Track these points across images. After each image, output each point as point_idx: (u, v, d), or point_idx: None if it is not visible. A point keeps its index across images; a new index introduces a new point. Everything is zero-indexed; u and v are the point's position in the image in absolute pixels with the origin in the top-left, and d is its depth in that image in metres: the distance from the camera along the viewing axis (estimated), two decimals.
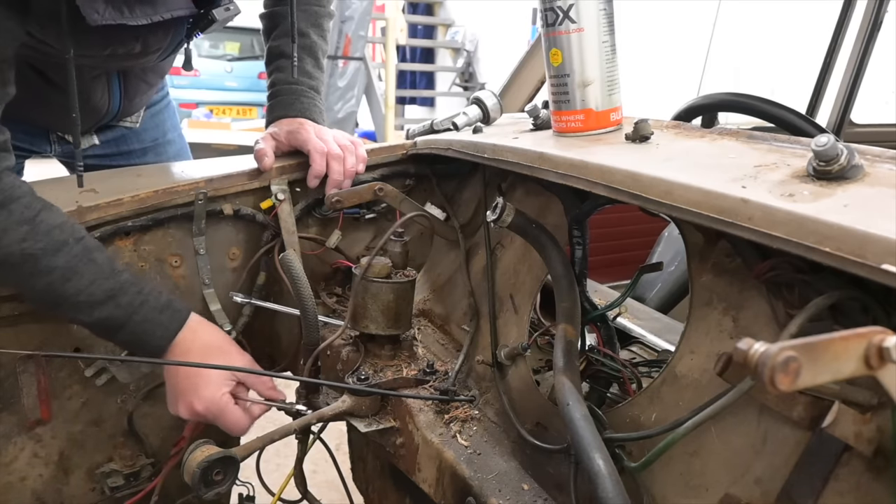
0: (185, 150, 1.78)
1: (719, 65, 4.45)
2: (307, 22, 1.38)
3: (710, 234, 0.83)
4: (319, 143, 1.27)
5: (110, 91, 1.42)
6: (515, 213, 0.95)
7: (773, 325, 0.74)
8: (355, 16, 6.91)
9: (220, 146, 5.82)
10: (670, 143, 0.94)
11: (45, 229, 0.98)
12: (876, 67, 2.81)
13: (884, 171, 0.70)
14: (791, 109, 1.45)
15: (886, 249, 0.54)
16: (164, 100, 1.71)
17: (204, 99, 9.39)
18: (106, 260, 1.04)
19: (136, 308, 1.04)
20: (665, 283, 2.12)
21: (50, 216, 1.00)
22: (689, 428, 0.73)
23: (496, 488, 0.89)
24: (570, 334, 0.90)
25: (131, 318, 1.03)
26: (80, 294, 1.00)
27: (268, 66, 1.41)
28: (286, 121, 1.31)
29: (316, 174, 1.26)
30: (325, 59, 1.43)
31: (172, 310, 1.07)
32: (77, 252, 1.00)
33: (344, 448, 1.62)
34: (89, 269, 1.01)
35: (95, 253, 1.03)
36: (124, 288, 1.03)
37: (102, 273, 1.02)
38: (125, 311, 1.03)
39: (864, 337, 0.44)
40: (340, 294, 1.38)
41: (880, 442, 0.62)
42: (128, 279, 1.04)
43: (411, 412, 1.02)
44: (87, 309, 1.01)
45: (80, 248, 1.01)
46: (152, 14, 1.16)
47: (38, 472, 1.16)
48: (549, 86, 1.06)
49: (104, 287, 1.01)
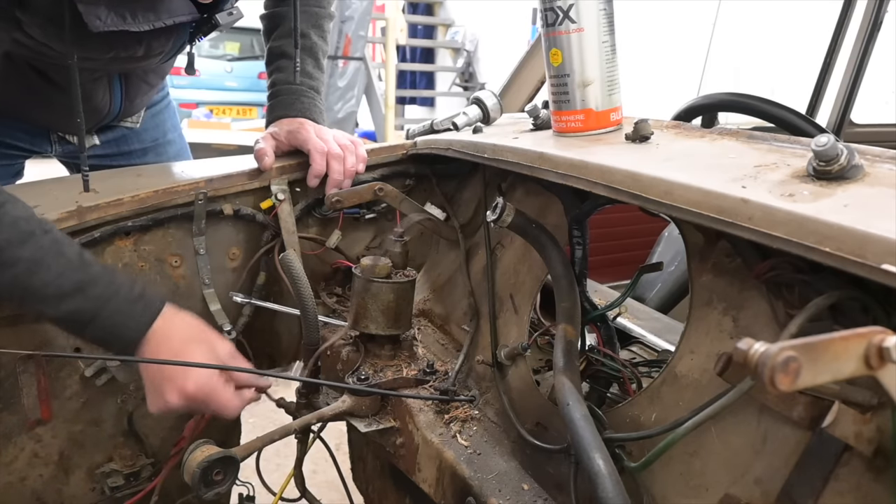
0: (185, 151, 1.78)
1: (719, 65, 4.45)
2: (308, 23, 1.38)
3: (710, 234, 0.83)
4: (319, 143, 1.27)
5: (111, 92, 1.42)
6: (515, 213, 0.95)
7: (773, 325, 0.74)
8: (355, 16, 6.91)
9: (220, 146, 5.82)
10: (670, 143, 0.94)
11: (10, 221, 0.94)
12: (876, 67, 2.81)
13: (884, 171, 0.70)
14: (791, 109, 1.45)
15: (886, 249, 0.54)
16: (165, 100, 1.71)
17: (204, 99, 9.39)
18: (76, 252, 0.99)
19: (107, 300, 0.98)
20: (665, 283, 2.12)
21: (14, 209, 0.96)
22: (689, 428, 0.73)
23: (496, 488, 0.89)
24: (570, 334, 0.90)
25: (101, 311, 0.97)
26: (47, 286, 0.95)
27: (268, 66, 1.41)
28: (286, 121, 1.31)
29: (316, 174, 1.26)
30: (325, 59, 1.43)
31: (145, 301, 1.01)
32: (44, 244, 0.96)
33: (344, 448, 1.62)
34: (57, 261, 0.96)
35: (64, 246, 0.98)
36: (95, 280, 0.98)
37: (71, 265, 0.97)
38: (94, 304, 0.97)
39: (864, 337, 0.44)
40: (340, 294, 1.38)
41: (880, 442, 0.62)
42: (99, 271, 0.99)
43: (411, 412, 1.02)
44: (55, 301, 0.96)
45: (48, 239, 0.96)
46: (155, 20, 1.16)
47: (38, 472, 1.16)
48: (549, 86, 1.06)
49: (73, 279, 0.96)
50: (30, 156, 1.53)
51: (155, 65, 1.39)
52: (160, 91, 1.66)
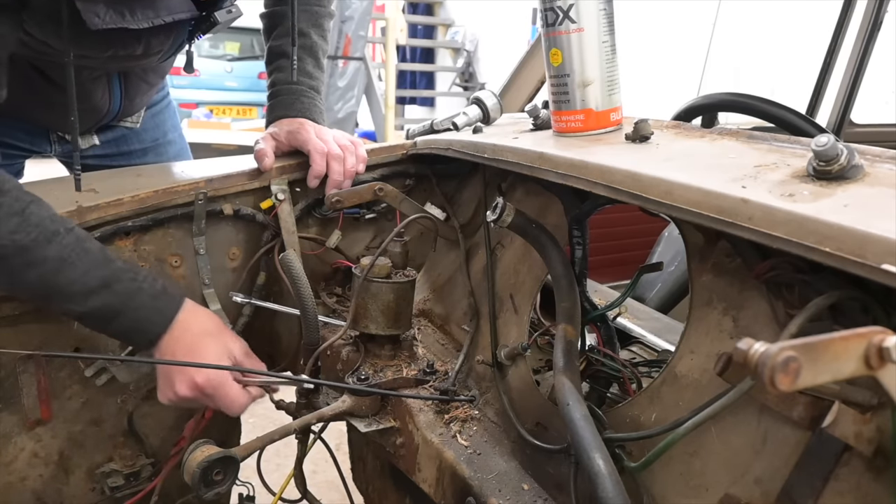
0: (185, 151, 1.77)
1: (719, 65, 4.45)
2: (308, 22, 1.38)
3: (710, 234, 0.83)
4: (319, 144, 1.26)
5: (111, 91, 1.41)
6: (515, 213, 0.95)
7: (773, 325, 0.74)
8: (355, 16, 6.91)
9: (220, 146, 5.82)
10: (670, 143, 0.94)
11: (36, 220, 0.97)
12: (876, 67, 2.81)
13: (884, 171, 0.70)
14: (791, 109, 1.45)
15: (886, 249, 0.54)
16: (165, 100, 1.71)
17: (204, 99, 9.40)
18: (99, 248, 1.02)
19: (132, 295, 1.01)
20: (665, 283, 2.12)
21: (39, 209, 0.99)
22: (689, 428, 0.73)
23: (496, 488, 0.89)
24: (570, 334, 0.90)
25: (127, 306, 1.01)
26: (73, 284, 0.98)
27: (268, 65, 1.41)
28: (286, 121, 1.31)
29: (316, 174, 1.26)
30: (325, 59, 1.43)
31: (168, 296, 1.06)
32: (69, 242, 0.98)
33: (344, 448, 1.62)
34: (82, 259, 0.99)
35: (87, 242, 1.01)
36: (118, 275, 1.01)
37: (96, 261, 1.00)
38: (121, 299, 1.00)
39: (864, 337, 0.44)
40: (340, 294, 1.38)
41: (880, 442, 0.62)
42: (121, 266, 1.02)
43: (411, 412, 1.02)
44: (81, 299, 0.99)
45: (72, 237, 0.99)
46: (153, 17, 1.16)
47: (38, 472, 1.16)
48: (549, 86, 1.06)
49: (98, 275, 0.99)
50: (30, 156, 1.53)
51: (154, 63, 1.39)
52: (160, 91, 1.66)
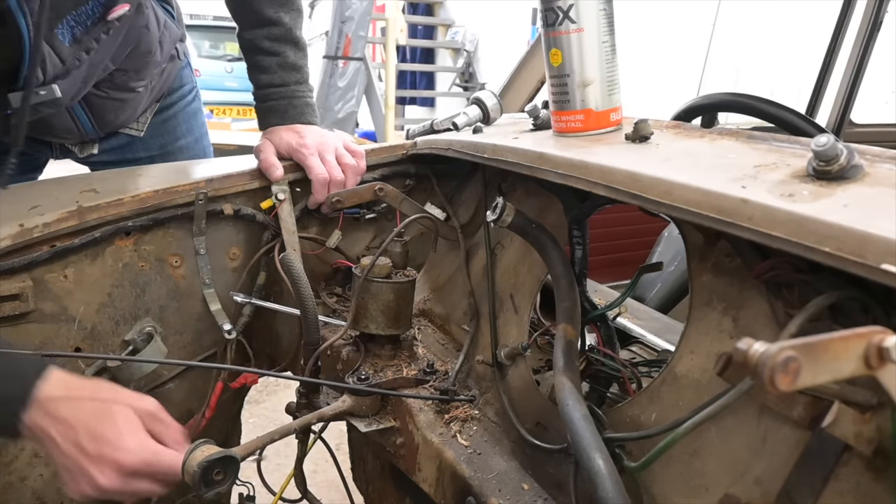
0: (200, 156, 1.68)
1: (719, 65, 4.45)
2: (274, 5, 1.29)
3: (710, 234, 0.83)
4: (322, 173, 1.25)
5: (75, 118, 1.37)
6: (515, 213, 0.95)
7: (773, 325, 0.74)
8: (355, 16, 6.91)
9: (220, 146, 5.80)
10: (670, 143, 0.94)
11: None
12: (876, 67, 2.81)
13: (884, 171, 0.70)
14: (791, 109, 1.45)
15: (886, 249, 0.54)
16: (179, 103, 1.62)
17: (204, 99, 9.30)
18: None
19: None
20: (665, 283, 2.13)
21: None
22: (689, 428, 0.73)
23: (496, 488, 0.89)
24: (570, 334, 0.90)
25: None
26: None
27: (246, 57, 1.35)
28: (283, 129, 1.31)
29: (316, 202, 1.28)
30: (302, 31, 1.34)
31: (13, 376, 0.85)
32: None
33: (344, 448, 1.62)
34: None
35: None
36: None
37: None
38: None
39: (864, 337, 0.44)
40: (340, 294, 1.38)
41: (880, 442, 0.62)
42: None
43: (411, 412, 1.02)
44: None
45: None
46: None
47: (39, 472, 1.16)
48: (549, 86, 1.06)
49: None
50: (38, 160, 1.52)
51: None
52: (174, 93, 1.59)
